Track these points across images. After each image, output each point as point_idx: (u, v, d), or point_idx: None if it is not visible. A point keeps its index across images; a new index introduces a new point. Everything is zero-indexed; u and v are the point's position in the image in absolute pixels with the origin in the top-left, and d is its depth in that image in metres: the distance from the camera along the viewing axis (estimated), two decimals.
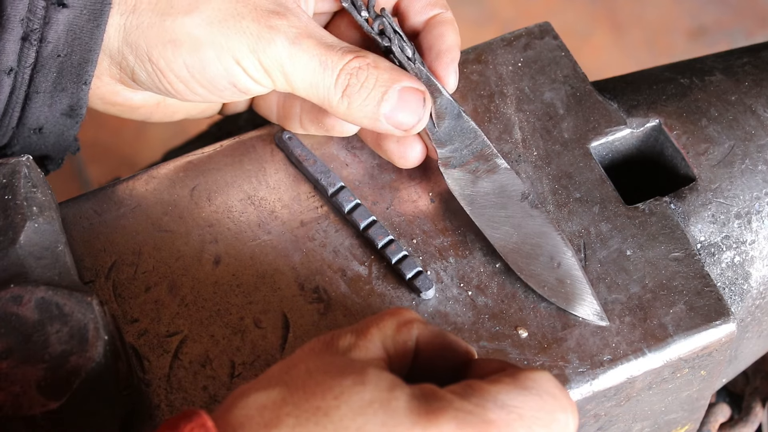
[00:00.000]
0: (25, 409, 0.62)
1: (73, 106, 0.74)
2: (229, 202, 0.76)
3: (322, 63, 0.70)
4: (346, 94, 0.71)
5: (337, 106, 0.71)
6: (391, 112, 0.71)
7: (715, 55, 0.84)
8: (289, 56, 0.70)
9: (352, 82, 0.71)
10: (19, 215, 0.68)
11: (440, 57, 0.74)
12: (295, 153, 0.76)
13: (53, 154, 0.76)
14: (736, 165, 0.76)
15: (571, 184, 0.75)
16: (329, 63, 0.70)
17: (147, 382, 0.69)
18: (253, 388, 0.57)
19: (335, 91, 0.71)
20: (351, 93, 0.71)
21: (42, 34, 0.71)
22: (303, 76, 0.71)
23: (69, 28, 0.71)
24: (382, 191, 0.76)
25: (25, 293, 0.65)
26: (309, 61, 0.70)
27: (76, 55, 0.72)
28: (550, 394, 0.57)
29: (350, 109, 0.71)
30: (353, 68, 0.71)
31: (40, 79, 0.72)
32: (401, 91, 0.71)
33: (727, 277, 0.74)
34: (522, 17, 1.84)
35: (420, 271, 0.71)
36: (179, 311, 0.71)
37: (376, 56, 0.72)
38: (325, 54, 0.71)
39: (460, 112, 0.74)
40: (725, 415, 0.93)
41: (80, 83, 0.73)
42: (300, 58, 0.70)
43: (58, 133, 0.75)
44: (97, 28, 0.71)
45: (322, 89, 0.71)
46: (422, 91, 0.72)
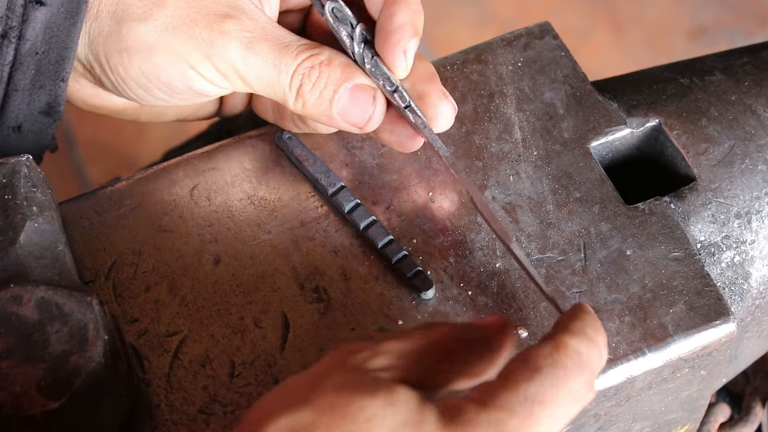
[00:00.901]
0: (25, 409, 0.62)
1: (51, 104, 0.74)
2: (229, 202, 0.76)
3: (275, 66, 0.71)
4: (300, 94, 0.71)
5: (294, 106, 0.72)
6: (342, 110, 0.72)
7: (715, 55, 0.84)
8: (243, 61, 0.71)
9: (305, 82, 0.71)
10: (19, 215, 0.68)
11: (387, 39, 0.72)
12: (295, 153, 0.76)
13: (32, 152, 0.77)
14: (736, 165, 0.76)
15: (571, 184, 0.75)
16: (283, 65, 0.71)
17: (147, 382, 0.69)
18: (280, 408, 0.56)
19: (290, 93, 0.71)
20: (304, 93, 0.71)
21: (20, 32, 0.71)
22: (259, 79, 0.71)
23: (46, 26, 0.72)
24: (382, 191, 0.76)
25: (25, 293, 0.65)
26: (263, 64, 0.71)
27: (53, 52, 0.72)
28: (561, 365, 0.58)
29: (306, 109, 0.72)
30: (306, 68, 0.71)
31: (18, 76, 0.73)
32: (352, 89, 0.71)
33: (727, 276, 0.74)
34: (522, 17, 1.84)
35: (420, 271, 0.71)
36: (179, 311, 0.71)
37: (332, 52, 0.72)
38: (279, 56, 0.71)
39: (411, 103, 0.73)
40: (725, 415, 0.93)
41: (58, 80, 0.73)
42: (254, 62, 0.71)
43: (36, 132, 0.75)
44: (73, 26, 0.72)
45: (279, 90, 0.72)
46: (372, 89, 0.72)
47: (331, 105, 0.71)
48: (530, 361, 0.58)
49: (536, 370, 0.57)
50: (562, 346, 0.59)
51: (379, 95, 0.72)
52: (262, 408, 0.57)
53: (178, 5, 0.71)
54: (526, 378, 0.57)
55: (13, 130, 0.74)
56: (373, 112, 0.72)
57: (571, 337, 0.59)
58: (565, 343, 0.59)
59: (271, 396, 0.58)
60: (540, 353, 0.58)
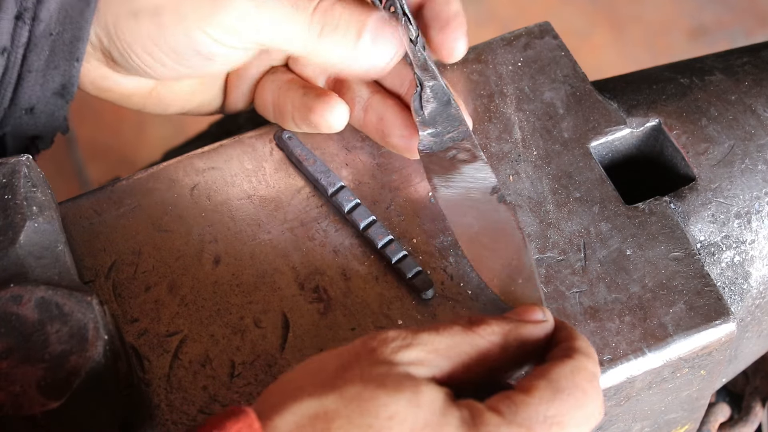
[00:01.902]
0: (25, 409, 0.62)
1: (65, 84, 0.74)
2: (229, 202, 0.76)
3: (294, 4, 0.70)
4: (323, 35, 0.71)
5: (315, 50, 0.71)
6: (366, 50, 0.71)
7: (715, 55, 0.84)
8: (256, 6, 0.70)
9: (327, 20, 0.70)
10: (19, 215, 0.68)
11: (446, 27, 0.74)
12: (295, 153, 0.76)
13: (44, 134, 0.77)
14: (736, 165, 0.76)
15: (571, 184, 0.75)
16: (301, 4, 0.70)
17: (147, 382, 0.69)
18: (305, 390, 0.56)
19: (311, 35, 0.71)
20: (328, 33, 0.70)
21: (35, 13, 0.71)
22: (274, 25, 0.70)
23: (61, 6, 0.72)
24: (382, 191, 0.76)
25: (25, 293, 0.65)
26: (280, 5, 0.70)
27: (67, 33, 0.72)
28: (581, 389, 0.59)
29: (328, 52, 0.71)
30: (326, 6, 0.70)
31: (32, 58, 0.72)
32: (373, 30, 0.71)
33: (726, 276, 0.74)
34: (522, 17, 1.84)
35: (420, 271, 0.71)
36: (179, 311, 0.71)
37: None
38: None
39: (449, 99, 0.74)
40: (725, 415, 0.93)
41: (72, 60, 0.73)
42: (268, 5, 0.70)
43: (48, 113, 0.75)
44: (87, 6, 0.71)
45: (298, 34, 0.71)
46: (394, 25, 0.72)
47: (357, 43, 0.71)
48: (553, 381, 0.59)
49: (558, 390, 0.58)
50: (582, 369, 0.60)
51: (402, 30, 0.72)
52: (286, 384, 0.57)
53: None
54: (549, 398, 0.58)
55: (26, 111, 0.74)
56: (395, 51, 0.72)
57: (588, 360, 0.61)
58: (585, 366, 0.60)
59: (296, 373, 0.58)
60: (562, 373, 0.59)
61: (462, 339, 0.60)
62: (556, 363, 0.60)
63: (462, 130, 0.74)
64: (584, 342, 0.62)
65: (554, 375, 0.59)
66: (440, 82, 0.74)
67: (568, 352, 0.61)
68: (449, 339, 0.60)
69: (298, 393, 0.56)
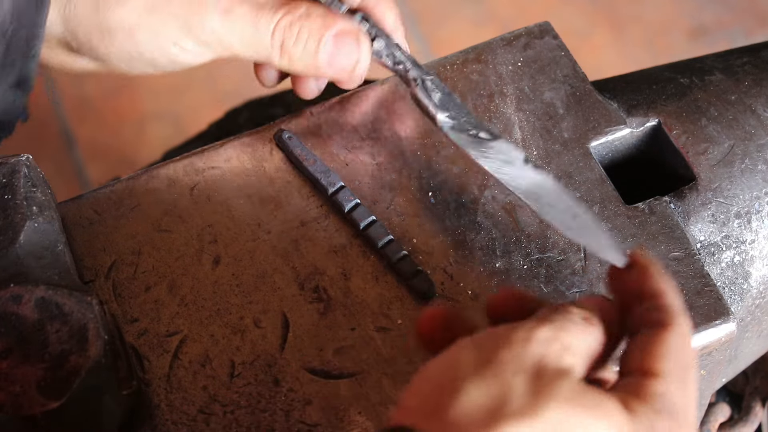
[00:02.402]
0: (25, 408, 0.62)
1: (22, 79, 0.75)
2: (229, 202, 0.76)
3: (254, 26, 0.72)
4: (283, 50, 0.73)
5: (279, 63, 0.74)
6: (329, 58, 0.73)
7: (715, 55, 0.84)
8: (222, 27, 0.72)
9: (287, 37, 0.73)
10: (18, 215, 0.68)
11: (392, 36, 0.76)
12: (295, 153, 0.76)
13: (3, 123, 0.78)
14: (736, 164, 0.76)
15: (571, 184, 0.75)
16: (261, 25, 0.72)
17: (147, 382, 0.69)
18: (507, 414, 0.54)
19: (274, 50, 0.73)
20: (287, 48, 0.73)
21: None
22: (241, 42, 0.73)
23: (14, 7, 0.72)
24: (382, 191, 0.76)
25: (24, 293, 0.65)
26: (243, 27, 0.72)
27: (23, 31, 0.73)
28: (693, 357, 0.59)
29: (292, 63, 0.74)
30: (285, 24, 0.73)
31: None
32: (335, 36, 0.73)
33: (726, 276, 0.74)
34: (522, 17, 1.84)
35: (420, 270, 0.71)
36: (179, 311, 0.71)
37: (308, 5, 0.73)
38: (257, 16, 0.73)
39: (449, 91, 0.75)
40: (725, 415, 0.93)
41: (28, 57, 0.74)
42: (234, 27, 0.72)
43: (8, 103, 0.76)
44: (41, 5, 0.72)
45: (262, 50, 0.73)
46: (355, 32, 0.73)
47: (317, 55, 0.73)
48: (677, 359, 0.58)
49: (685, 367, 0.58)
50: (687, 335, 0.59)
51: (364, 38, 0.74)
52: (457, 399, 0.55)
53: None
54: (682, 378, 0.58)
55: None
56: (359, 55, 0.74)
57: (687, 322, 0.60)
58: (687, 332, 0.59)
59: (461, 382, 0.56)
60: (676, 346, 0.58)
61: (590, 336, 0.59)
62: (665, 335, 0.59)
63: (472, 118, 0.74)
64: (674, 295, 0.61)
65: (674, 351, 0.58)
66: (435, 77, 0.75)
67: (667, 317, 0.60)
68: (591, 338, 0.59)
69: (490, 416, 0.54)
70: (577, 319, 0.59)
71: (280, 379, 0.69)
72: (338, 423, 0.67)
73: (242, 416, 0.68)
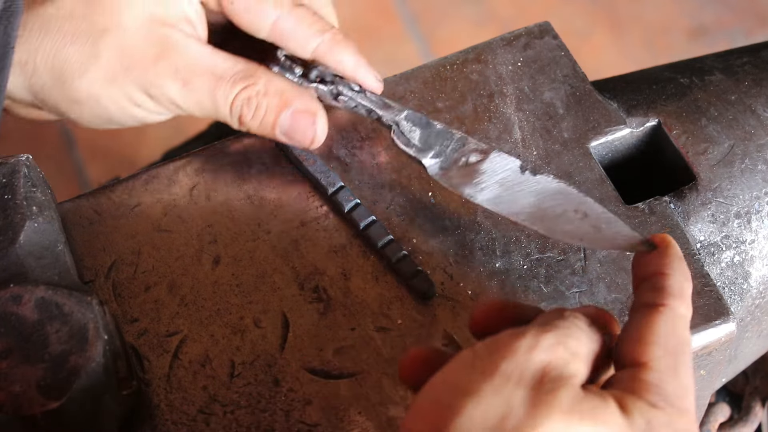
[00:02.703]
0: (25, 409, 0.62)
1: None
2: (229, 202, 0.76)
3: (212, 99, 0.73)
4: (242, 122, 0.74)
5: (239, 128, 0.75)
6: (286, 133, 0.74)
7: (715, 55, 0.84)
8: (182, 98, 0.73)
9: (244, 112, 0.74)
10: (18, 215, 0.68)
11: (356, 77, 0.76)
12: (295, 153, 0.76)
13: None
14: (736, 164, 0.76)
15: (571, 184, 0.75)
16: (220, 99, 0.73)
17: (147, 382, 0.69)
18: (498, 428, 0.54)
19: (233, 120, 0.74)
20: (245, 121, 0.74)
21: None
22: (200, 110, 0.74)
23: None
24: (382, 191, 0.76)
25: (25, 293, 0.65)
26: (200, 100, 0.74)
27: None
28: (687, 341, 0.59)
29: (251, 131, 0.75)
30: (243, 99, 0.73)
31: None
32: (292, 115, 0.74)
33: (726, 276, 0.74)
34: (522, 17, 1.84)
35: (420, 270, 0.71)
36: (179, 311, 0.71)
37: (267, 79, 0.74)
38: (215, 90, 0.73)
39: (427, 120, 0.75)
40: (725, 415, 0.93)
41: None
42: (192, 98, 0.74)
43: None
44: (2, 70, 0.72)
45: (221, 118, 0.74)
46: (312, 112, 0.74)
47: (274, 129, 0.74)
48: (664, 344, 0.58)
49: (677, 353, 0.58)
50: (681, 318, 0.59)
51: (321, 116, 0.74)
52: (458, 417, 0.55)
53: (111, 54, 0.73)
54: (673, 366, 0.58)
55: None
56: (315, 132, 0.74)
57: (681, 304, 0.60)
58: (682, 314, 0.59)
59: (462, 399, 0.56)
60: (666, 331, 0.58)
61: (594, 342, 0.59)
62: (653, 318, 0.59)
63: (458, 137, 0.74)
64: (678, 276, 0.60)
65: (662, 336, 0.58)
66: (409, 111, 0.75)
67: (659, 297, 0.60)
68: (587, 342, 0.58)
69: None
70: (583, 325, 0.59)
71: (280, 379, 0.69)
72: (338, 423, 0.67)
73: (242, 416, 0.68)
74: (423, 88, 0.80)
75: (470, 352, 0.57)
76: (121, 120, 0.76)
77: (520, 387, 0.55)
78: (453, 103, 0.79)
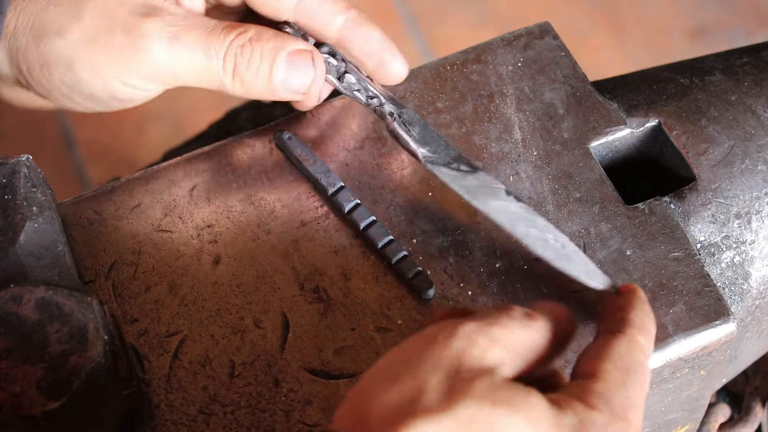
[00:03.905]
0: (25, 409, 0.62)
1: None
2: (229, 202, 0.76)
3: (205, 52, 0.70)
4: (236, 74, 0.71)
5: (232, 88, 0.72)
6: (283, 79, 0.71)
7: (715, 55, 0.84)
8: (169, 57, 0.70)
9: (239, 61, 0.71)
10: (18, 215, 0.68)
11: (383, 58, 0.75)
12: (295, 153, 0.76)
13: None
14: (736, 165, 0.76)
15: (570, 184, 0.75)
16: (212, 50, 0.70)
17: (147, 382, 0.69)
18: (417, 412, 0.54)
19: (225, 75, 0.71)
20: (240, 72, 0.71)
21: None
22: (190, 70, 0.71)
23: None
24: (382, 191, 0.76)
25: (25, 293, 0.65)
26: (192, 54, 0.70)
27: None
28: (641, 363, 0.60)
29: (245, 87, 0.71)
30: (237, 47, 0.70)
31: None
32: (288, 56, 0.71)
33: (726, 277, 0.74)
34: (522, 17, 1.84)
35: (420, 271, 0.71)
36: (179, 311, 0.71)
37: (258, 28, 0.71)
38: (207, 41, 0.70)
39: (425, 123, 0.75)
40: (725, 415, 0.93)
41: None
42: (182, 54, 0.70)
43: None
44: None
45: (213, 76, 0.71)
46: (309, 51, 0.72)
47: (270, 78, 0.71)
48: (616, 361, 0.59)
49: (627, 371, 0.59)
50: (635, 342, 0.60)
51: (317, 56, 0.72)
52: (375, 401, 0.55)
53: (94, 15, 0.70)
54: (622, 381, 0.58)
55: None
56: (314, 75, 0.72)
57: (639, 333, 0.61)
58: (637, 340, 0.60)
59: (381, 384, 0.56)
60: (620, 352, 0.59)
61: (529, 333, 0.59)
62: (611, 340, 0.60)
63: (450, 150, 0.74)
64: (640, 312, 0.62)
65: (615, 355, 0.59)
66: (409, 109, 0.75)
67: (620, 326, 0.61)
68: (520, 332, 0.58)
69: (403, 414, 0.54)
70: (516, 315, 0.59)
71: (280, 379, 0.69)
72: None
73: (242, 416, 0.68)
74: (423, 88, 0.80)
75: (399, 345, 0.59)
76: (90, 93, 0.71)
77: (436, 371, 0.56)
78: (453, 104, 0.79)
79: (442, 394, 0.55)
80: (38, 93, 0.74)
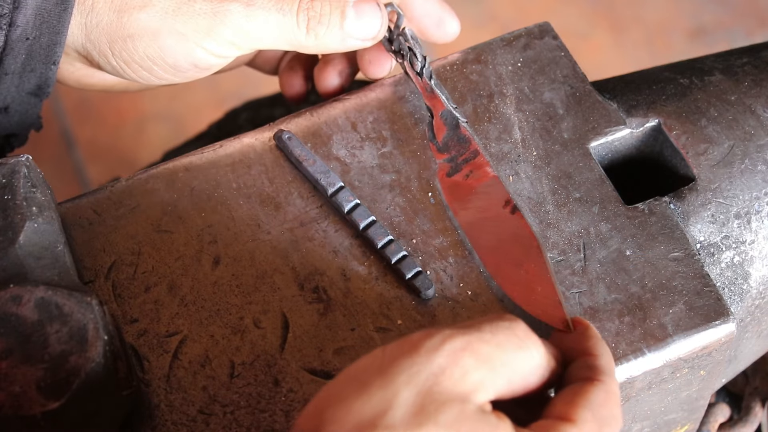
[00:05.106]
0: (25, 409, 0.62)
1: (41, 86, 0.76)
2: (229, 202, 0.76)
3: (280, 11, 0.74)
4: (310, 29, 0.75)
5: (306, 44, 0.76)
6: (354, 27, 0.75)
7: (715, 55, 0.84)
8: (248, 20, 0.73)
9: (311, 15, 0.74)
10: (18, 215, 0.68)
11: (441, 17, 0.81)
12: (295, 153, 0.76)
13: (18, 131, 0.78)
14: (736, 165, 0.76)
15: (570, 184, 0.75)
16: (285, 9, 0.74)
17: (147, 382, 0.69)
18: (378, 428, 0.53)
19: (300, 31, 0.75)
20: (313, 26, 0.75)
21: (11, 19, 0.72)
22: (266, 32, 0.74)
23: (37, 12, 0.73)
24: (382, 191, 0.76)
25: (24, 293, 0.65)
26: (267, 15, 0.74)
27: (44, 37, 0.73)
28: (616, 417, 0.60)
29: (318, 41, 0.75)
30: (307, 2, 0.74)
31: (9, 61, 0.74)
32: (355, 5, 0.75)
33: (726, 277, 0.74)
34: (522, 17, 1.84)
35: (420, 271, 0.71)
36: (179, 311, 0.71)
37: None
38: (279, 2, 0.74)
39: (458, 122, 0.76)
40: (725, 415, 0.93)
41: (49, 64, 0.75)
42: (258, 17, 0.74)
43: (22, 112, 0.77)
44: (64, 11, 0.73)
45: (289, 33, 0.75)
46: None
47: (342, 27, 0.75)
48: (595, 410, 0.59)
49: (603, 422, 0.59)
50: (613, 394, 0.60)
51: (381, 3, 0.77)
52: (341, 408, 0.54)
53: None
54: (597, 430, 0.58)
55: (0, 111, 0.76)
56: (382, 16, 0.76)
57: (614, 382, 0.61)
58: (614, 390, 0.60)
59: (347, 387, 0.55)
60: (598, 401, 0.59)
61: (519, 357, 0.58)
62: (587, 387, 0.59)
63: (473, 149, 0.75)
64: (607, 358, 0.62)
65: (594, 404, 0.59)
66: (448, 108, 0.76)
67: (595, 373, 0.61)
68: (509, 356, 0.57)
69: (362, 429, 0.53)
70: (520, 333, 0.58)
71: (280, 379, 0.69)
72: None
73: (242, 416, 0.68)
74: None
75: (382, 348, 0.56)
76: (174, 62, 0.75)
77: (409, 387, 0.54)
78: None
79: (408, 415, 0.53)
80: (107, 69, 0.76)
